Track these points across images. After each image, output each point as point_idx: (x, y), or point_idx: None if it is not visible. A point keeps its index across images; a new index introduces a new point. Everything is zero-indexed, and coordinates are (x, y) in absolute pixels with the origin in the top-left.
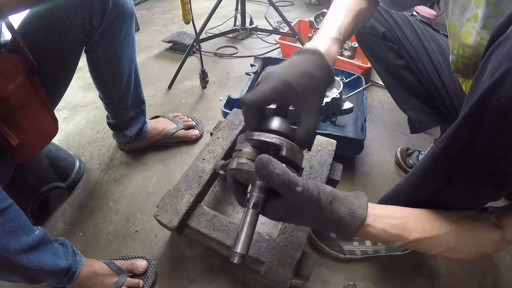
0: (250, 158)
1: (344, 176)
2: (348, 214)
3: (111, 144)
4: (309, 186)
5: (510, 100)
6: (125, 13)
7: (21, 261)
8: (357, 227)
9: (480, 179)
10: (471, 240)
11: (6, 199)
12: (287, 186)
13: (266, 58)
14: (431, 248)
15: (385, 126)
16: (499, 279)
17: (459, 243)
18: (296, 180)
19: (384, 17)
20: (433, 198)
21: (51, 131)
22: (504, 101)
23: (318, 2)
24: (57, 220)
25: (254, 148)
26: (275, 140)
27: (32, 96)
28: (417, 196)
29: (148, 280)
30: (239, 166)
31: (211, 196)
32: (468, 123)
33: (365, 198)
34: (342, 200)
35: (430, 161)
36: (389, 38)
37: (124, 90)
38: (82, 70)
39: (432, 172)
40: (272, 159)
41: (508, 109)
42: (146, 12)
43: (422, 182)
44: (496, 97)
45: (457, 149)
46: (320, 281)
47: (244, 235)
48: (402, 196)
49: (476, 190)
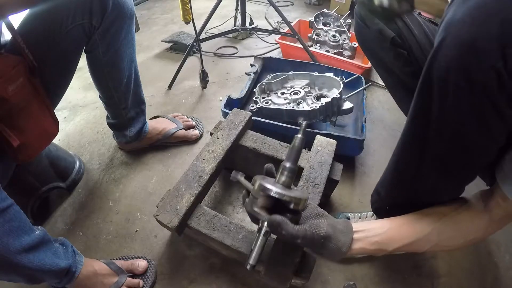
0: (264, 206)
1: (344, 176)
2: (335, 249)
3: (111, 144)
4: (306, 236)
5: (448, 62)
6: (125, 13)
7: (22, 261)
8: (339, 259)
9: (446, 149)
10: (455, 233)
11: (7, 199)
12: (290, 240)
13: (266, 58)
14: (415, 249)
15: (385, 126)
16: (499, 279)
17: (443, 239)
18: (298, 235)
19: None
20: (415, 178)
21: (51, 132)
22: (444, 64)
23: (318, 2)
24: (57, 220)
25: (268, 198)
26: (286, 198)
27: (33, 97)
28: (399, 176)
29: (148, 280)
30: (255, 214)
31: (211, 196)
32: (421, 93)
33: (351, 235)
34: (332, 238)
35: (401, 138)
36: (398, 43)
37: (124, 90)
38: (82, 70)
39: (405, 149)
40: (281, 222)
41: (447, 72)
42: (146, 12)
43: (400, 160)
44: (437, 65)
45: (418, 122)
46: (320, 281)
47: (256, 252)
48: (387, 178)
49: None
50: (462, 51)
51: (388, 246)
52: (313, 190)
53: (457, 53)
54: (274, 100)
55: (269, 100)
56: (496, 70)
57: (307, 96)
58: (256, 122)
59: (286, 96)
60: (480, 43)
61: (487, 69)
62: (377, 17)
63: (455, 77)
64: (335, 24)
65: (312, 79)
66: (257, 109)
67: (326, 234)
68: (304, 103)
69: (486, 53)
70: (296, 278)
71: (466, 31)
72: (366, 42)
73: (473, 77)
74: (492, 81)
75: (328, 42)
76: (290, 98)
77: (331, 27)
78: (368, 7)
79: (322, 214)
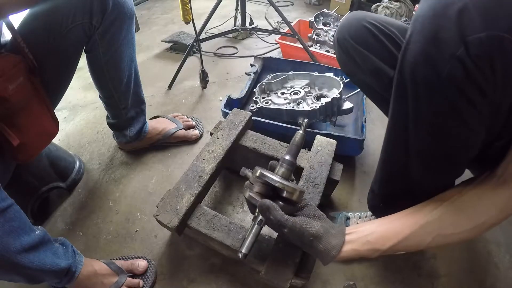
0: (259, 192)
1: (344, 176)
2: (324, 251)
3: (111, 144)
4: (295, 227)
5: (415, 56)
6: (125, 13)
7: (22, 260)
8: (329, 261)
9: (427, 142)
10: (459, 217)
11: (7, 199)
12: (277, 227)
13: (266, 58)
14: (414, 245)
15: (385, 126)
16: (499, 279)
17: (445, 226)
18: (285, 224)
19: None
20: (404, 173)
21: (51, 131)
22: (411, 59)
23: (318, 2)
24: (57, 220)
25: (264, 185)
26: (278, 184)
27: (33, 96)
28: (388, 172)
29: (148, 280)
30: (250, 198)
31: (211, 196)
32: (397, 89)
33: (342, 238)
34: (323, 239)
35: (386, 135)
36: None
37: (124, 90)
38: (82, 70)
39: (390, 146)
40: (270, 207)
41: (415, 64)
42: (146, 12)
43: (387, 157)
44: (406, 62)
45: (398, 120)
46: (320, 281)
47: (249, 240)
48: (378, 175)
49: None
50: (426, 44)
51: (382, 245)
52: (313, 190)
53: (422, 46)
54: (274, 100)
55: (269, 100)
56: (458, 58)
57: (307, 96)
58: (256, 122)
59: (286, 96)
60: (441, 34)
61: (449, 57)
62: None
63: (423, 70)
64: (335, 24)
65: (312, 79)
66: (257, 109)
67: (317, 234)
68: (304, 103)
69: (447, 42)
70: (296, 278)
71: (428, 23)
72: (355, 76)
73: (439, 68)
74: (457, 70)
75: (328, 42)
76: (290, 98)
77: (331, 27)
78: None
79: (320, 216)
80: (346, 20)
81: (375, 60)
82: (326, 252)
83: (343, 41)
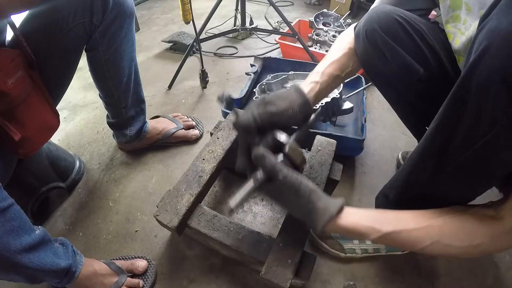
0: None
1: (344, 176)
2: (322, 208)
3: (111, 144)
4: (292, 177)
5: (491, 71)
6: (125, 11)
7: (22, 260)
8: (326, 220)
9: (470, 158)
10: (459, 231)
11: (7, 199)
12: (272, 172)
13: (266, 58)
14: (413, 241)
15: (385, 126)
16: (499, 279)
17: (445, 235)
18: (279, 169)
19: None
20: (429, 183)
21: (52, 125)
22: (485, 73)
23: (318, 2)
24: (57, 220)
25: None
26: (283, 139)
27: (33, 90)
28: (413, 181)
29: (148, 280)
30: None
31: (211, 196)
32: (455, 100)
33: (342, 201)
34: (321, 196)
35: (422, 143)
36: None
37: (124, 89)
38: (82, 70)
39: (425, 154)
40: (265, 153)
41: (489, 80)
42: (146, 12)
43: (417, 164)
44: (478, 73)
45: (446, 129)
46: (320, 281)
47: (239, 193)
48: (399, 182)
49: (468, 171)
50: (508, 61)
51: (382, 225)
52: None
53: (503, 64)
54: None
55: None
56: None
57: None
58: None
59: None
60: None
61: None
62: None
63: (497, 87)
64: (335, 24)
65: None
66: None
67: (315, 189)
68: None
69: None
70: (296, 278)
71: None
72: (380, 73)
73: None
74: None
75: (328, 42)
76: None
77: (331, 27)
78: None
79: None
80: (374, 12)
81: (404, 55)
82: (324, 208)
83: (371, 33)
